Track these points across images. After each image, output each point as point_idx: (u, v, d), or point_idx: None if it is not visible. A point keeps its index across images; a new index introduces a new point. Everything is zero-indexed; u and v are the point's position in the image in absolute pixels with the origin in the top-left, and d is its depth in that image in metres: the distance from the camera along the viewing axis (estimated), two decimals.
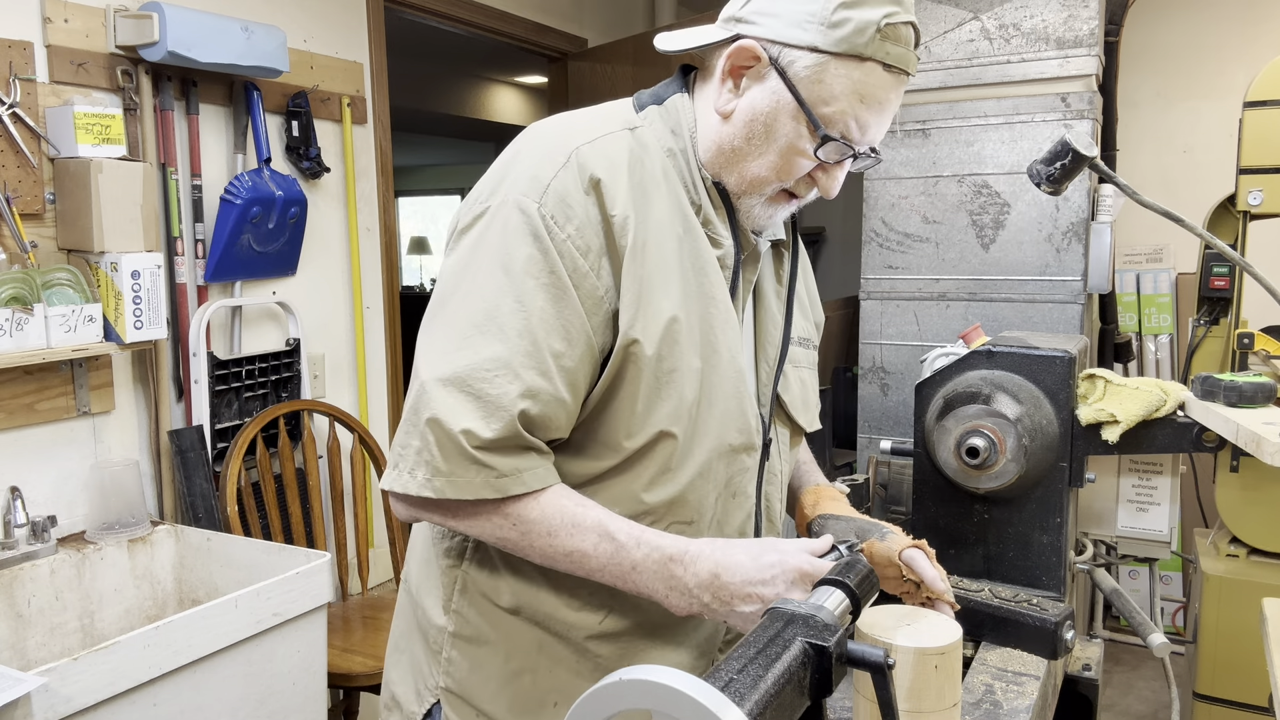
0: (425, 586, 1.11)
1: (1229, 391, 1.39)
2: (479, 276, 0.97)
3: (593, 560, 0.97)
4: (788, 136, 1.01)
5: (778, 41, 0.99)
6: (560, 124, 1.06)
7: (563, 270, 0.96)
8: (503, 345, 0.94)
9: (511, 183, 0.99)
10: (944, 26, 2.72)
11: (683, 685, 0.61)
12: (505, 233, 0.97)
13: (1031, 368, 1.41)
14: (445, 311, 0.99)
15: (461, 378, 0.94)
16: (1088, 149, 1.44)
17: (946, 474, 1.42)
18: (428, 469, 0.95)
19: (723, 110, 1.04)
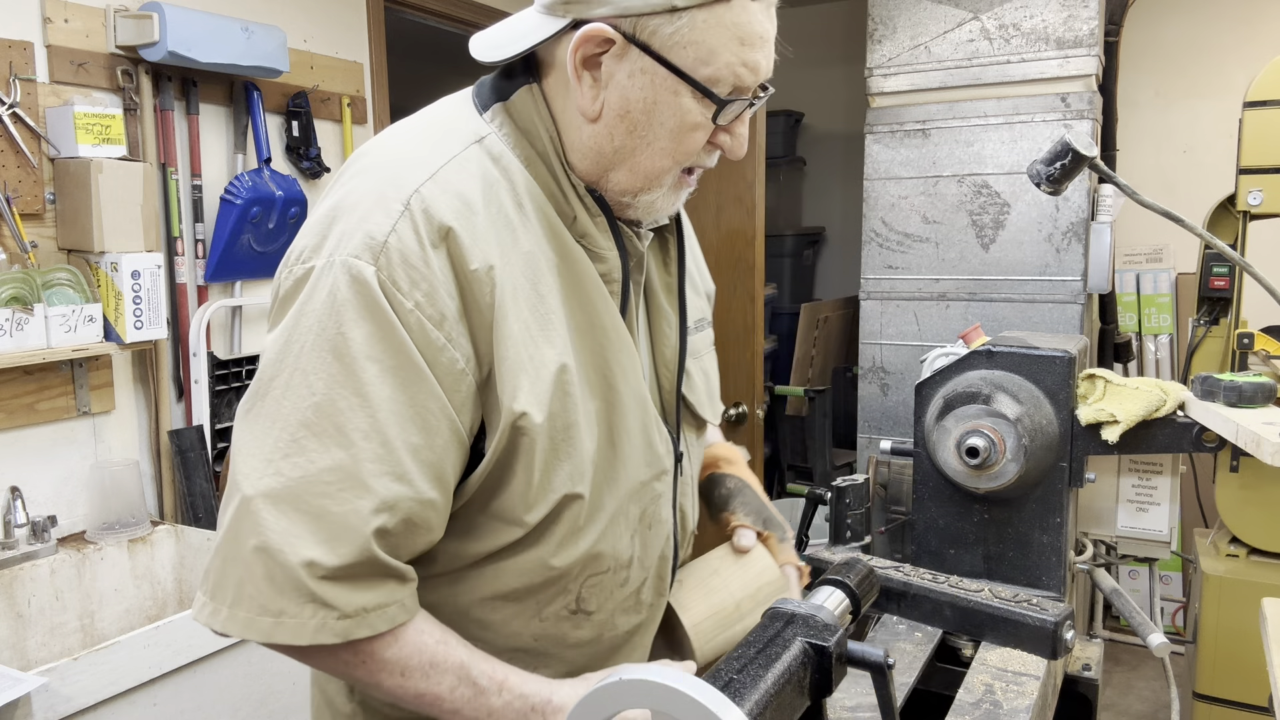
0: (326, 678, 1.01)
1: (1229, 391, 1.39)
2: (303, 361, 0.80)
3: (445, 704, 0.85)
4: (676, 113, 0.87)
5: (628, 14, 0.83)
6: (393, 150, 0.89)
7: (412, 347, 0.80)
8: (343, 451, 0.79)
9: (339, 238, 0.82)
10: (944, 26, 2.72)
11: (683, 685, 0.61)
12: (334, 306, 0.80)
13: (1031, 368, 1.41)
14: (264, 405, 0.82)
15: (295, 493, 0.78)
16: (1088, 149, 1.44)
17: (946, 474, 1.42)
18: (251, 605, 0.79)
19: (589, 112, 0.88)
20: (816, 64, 4.61)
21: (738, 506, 1.15)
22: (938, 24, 2.73)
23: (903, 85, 2.79)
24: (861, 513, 1.72)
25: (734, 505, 1.16)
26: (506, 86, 0.93)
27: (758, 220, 2.89)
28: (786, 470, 4.04)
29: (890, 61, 2.80)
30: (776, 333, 4.11)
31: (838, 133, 4.57)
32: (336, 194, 0.87)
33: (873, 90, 2.84)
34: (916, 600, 1.28)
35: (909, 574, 1.32)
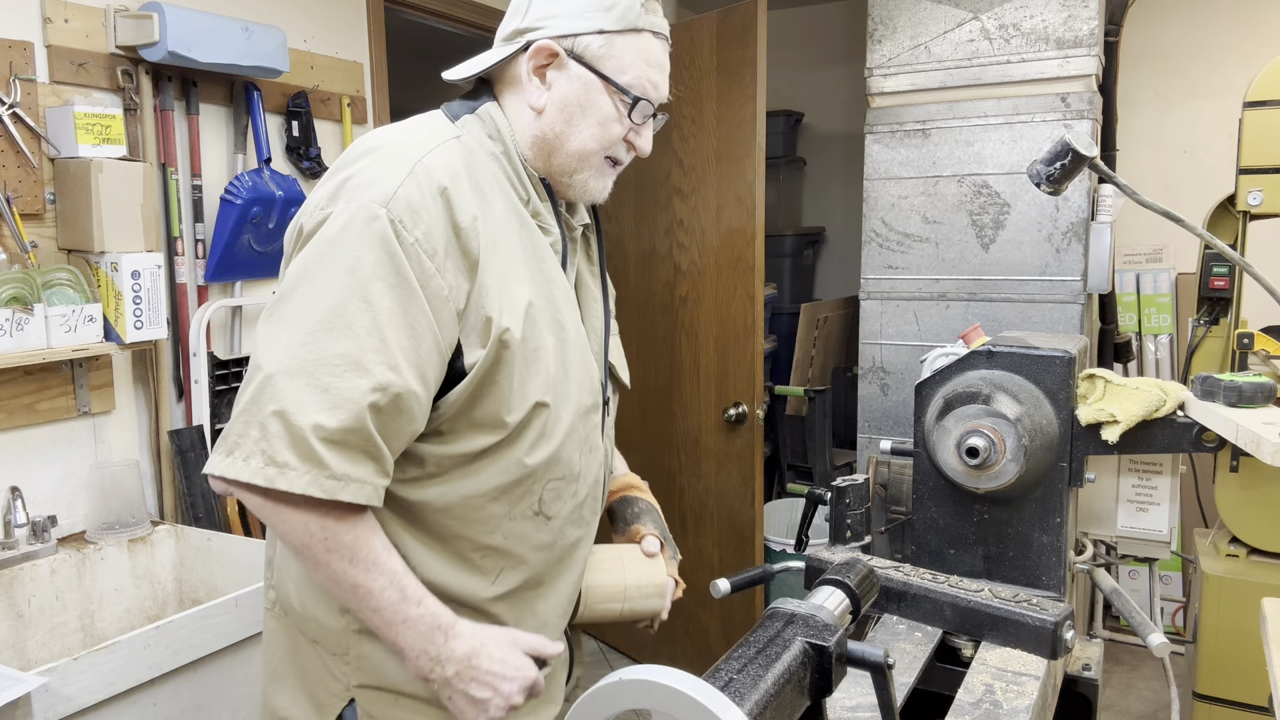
0: (312, 597, 1.14)
1: (1229, 391, 1.39)
2: (322, 276, 1.01)
3: (373, 600, 1.03)
4: (601, 109, 1.16)
5: (568, 35, 1.14)
6: (392, 138, 1.12)
7: (410, 271, 1.02)
8: (351, 342, 0.99)
9: (355, 190, 1.04)
10: (944, 26, 2.72)
11: (683, 685, 0.61)
12: (351, 236, 1.02)
13: (1031, 368, 1.41)
14: (286, 308, 1.02)
15: (309, 370, 0.98)
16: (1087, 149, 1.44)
17: (946, 474, 1.42)
18: (263, 458, 0.97)
19: (536, 106, 1.16)
20: (816, 64, 4.62)
21: (647, 522, 1.37)
22: (938, 24, 2.73)
23: (903, 85, 2.79)
24: (861, 513, 1.72)
25: (644, 521, 1.37)
26: (471, 104, 1.20)
27: (758, 220, 2.89)
28: (786, 470, 4.04)
29: (890, 61, 2.80)
30: (776, 333, 4.11)
31: (838, 133, 4.57)
32: (345, 170, 1.07)
33: (873, 90, 2.84)
34: (916, 600, 1.28)
35: (909, 574, 1.32)
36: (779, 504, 3.75)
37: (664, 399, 3.27)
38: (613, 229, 3.42)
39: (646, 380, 3.34)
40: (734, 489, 3.07)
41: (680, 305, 3.18)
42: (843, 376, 4.12)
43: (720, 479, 3.11)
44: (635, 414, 3.41)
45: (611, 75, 1.14)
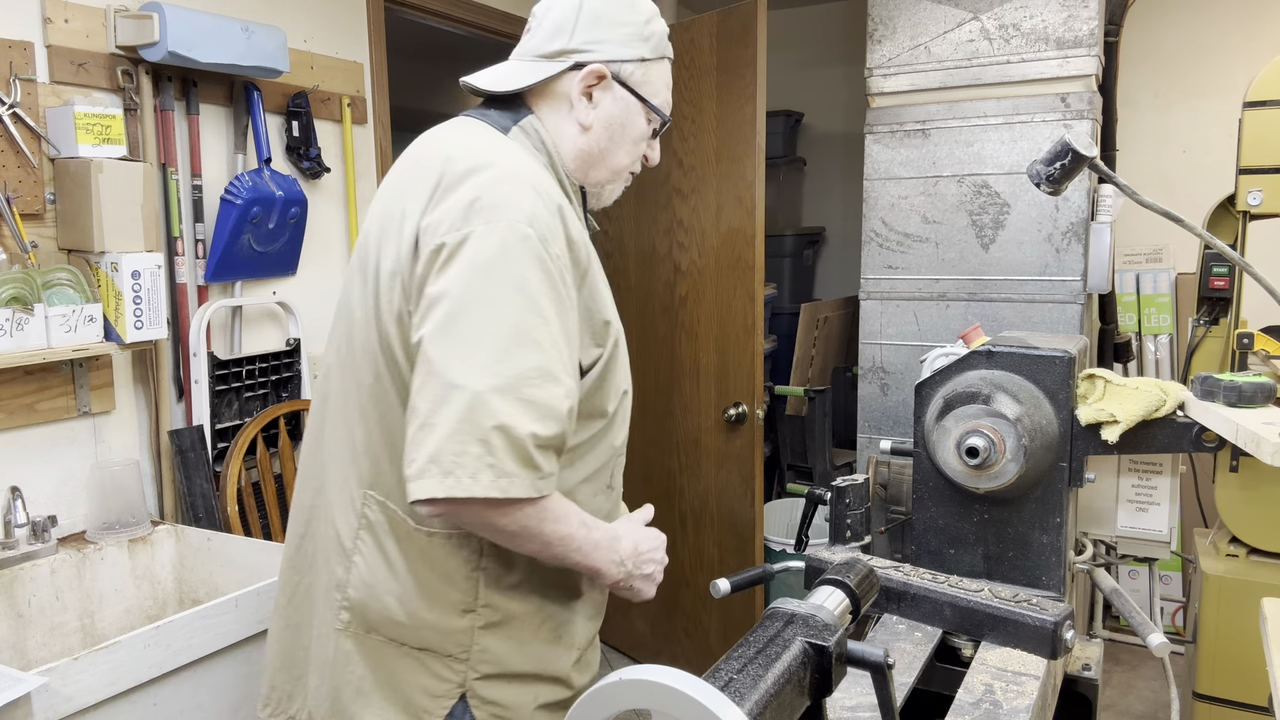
0: (426, 606, 1.19)
1: (1229, 391, 1.39)
2: (496, 295, 1.07)
3: (575, 542, 1.16)
4: (638, 127, 1.30)
5: (614, 60, 1.26)
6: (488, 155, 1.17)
7: (559, 285, 1.11)
8: (540, 355, 1.07)
9: (492, 210, 1.10)
10: (944, 26, 2.72)
11: (683, 685, 0.61)
12: (510, 256, 1.08)
13: (1031, 368, 1.41)
14: (465, 329, 1.07)
15: (513, 386, 1.04)
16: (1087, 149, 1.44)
17: (946, 474, 1.42)
18: (492, 472, 1.03)
19: (585, 123, 1.27)
20: (816, 64, 4.62)
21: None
22: (938, 24, 2.73)
23: (903, 85, 2.79)
24: (861, 513, 1.72)
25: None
26: (511, 115, 1.26)
27: (758, 220, 2.89)
28: (786, 470, 4.04)
29: (890, 61, 2.80)
30: (776, 333, 4.11)
31: (838, 133, 4.58)
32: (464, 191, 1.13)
33: (873, 90, 2.84)
34: (916, 600, 1.28)
35: (909, 574, 1.32)
36: (779, 504, 3.75)
37: (664, 399, 3.27)
38: (613, 229, 3.42)
39: (646, 380, 3.34)
40: (734, 489, 3.07)
41: (680, 305, 3.18)
42: (843, 376, 4.12)
43: (720, 479, 3.11)
44: (635, 414, 3.40)
45: (648, 98, 1.29)
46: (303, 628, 1.30)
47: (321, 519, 1.28)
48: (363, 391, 1.21)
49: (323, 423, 1.29)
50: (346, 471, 1.23)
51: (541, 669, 1.24)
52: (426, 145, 1.25)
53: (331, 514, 1.25)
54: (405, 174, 1.23)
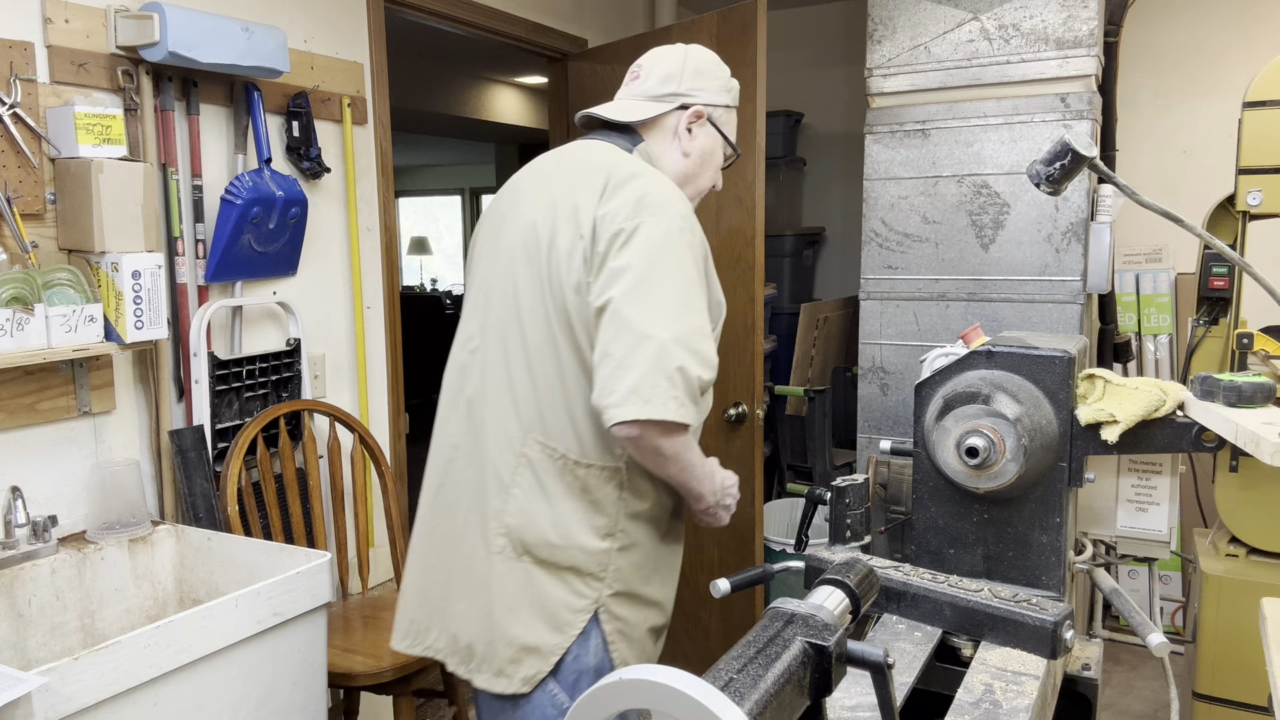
0: (578, 530, 1.45)
1: (1228, 391, 1.39)
2: (668, 270, 1.38)
3: (696, 469, 1.47)
4: (718, 158, 1.67)
5: (710, 104, 1.62)
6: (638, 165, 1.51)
7: (701, 267, 1.45)
8: (699, 317, 1.39)
9: (658, 206, 1.42)
10: (944, 27, 2.72)
11: (683, 685, 0.61)
12: (675, 241, 1.40)
13: (1031, 368, 1.41)
14: (650, 293, 1.37)
15: (685, 339, 1.34)
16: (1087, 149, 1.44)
17: (946, 474, 1.42)
18: (675, 402, 1.32)
19: (687, 151, 1.62)
20: (816, 64, 4.62)
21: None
22: (937, 24, 2.73)
23: (903, 85, 2.79)
24: (861, 513, 1.72)
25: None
26: (630, 140, 1.60)
27: (758, 220, 2.89)
28: (786, 470, 4.04)
29: (890, 62, 2.80)
30: (776, 333, 4.11)
31: (838, 133, 4.58)
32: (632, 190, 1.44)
33: (872, 90, 2.84)
34: (916, 600, 1.28)
35: (909, 574, 1.32)
36: (779, 504, 3.75)
37: None
38: None
39: None
40: None
41: None
42: (842, 376, 4.12)
43: None
44: None
45: (729, 135, 1.66)
46: (439, 567, 1.54)
47: (463, 465, 1.52)
48: (530, 351, 1.47)
49: (463, 385, 1.56)
50: (506, 419, 1.48)
51: (653, 595, 1.53)
52: (582, 154, 1.57)
53: (483, 457, 1.49)
54: (569, 176, 1.52)
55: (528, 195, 1.55)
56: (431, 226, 11.89)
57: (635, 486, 1.48)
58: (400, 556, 2.57)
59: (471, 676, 1.49)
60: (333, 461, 2.48)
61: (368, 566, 2.56)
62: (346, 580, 2.56)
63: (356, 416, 2.67)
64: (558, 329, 1.45)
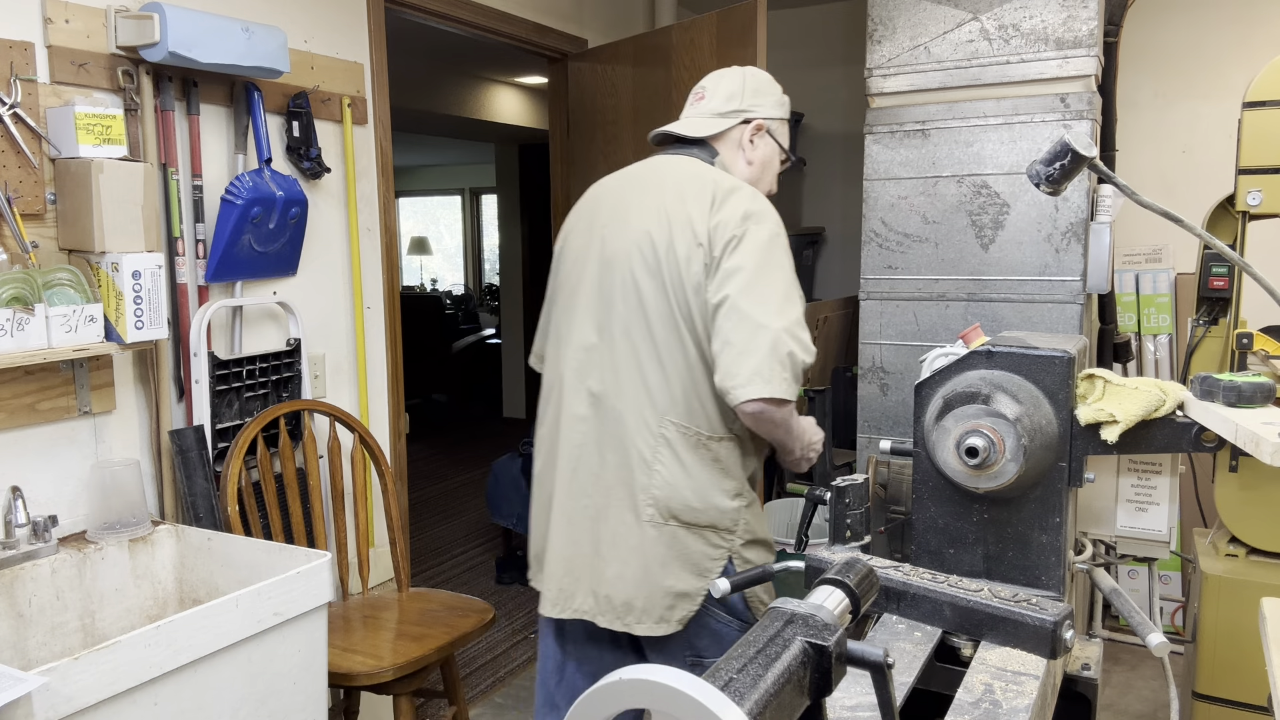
0: (714, 494, 1.72)
1: (1228, 391, 1.39)
2: (773, 268, 1.66)
3: (794, 428, 1.75)
4: (775, 165, 1.91)
5: (768, 117, 1.88)
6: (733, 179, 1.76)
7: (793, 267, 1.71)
8: (799, 309, 1.66)
9: (759, 215, 1.69)
10: (944, 27, 2.72)
11: (682, 685, 0.61)
12: (777, 245, 1.68)
13: (1031, 368, 1.41)
14: (760, 290, 1.64)
15: (791, 329, 1.62)
16: (1087, 149, 1.44)
17: (946, 474, 1.43)
18: (786, 382, 1.60)
19: (750, 159, 1.87)
20: (816, 64, 4.62)
21: None
22: (937, 24, 2.73)
23: (902, 86, 2.79)
24: (861, 513, 1.72)
25: None
26: (708, 154, 1.85)
27: None
28: (786, 470, 4.03)
29: (890, 62, 2.80)
30: None
31: (838, 133, 4.58)
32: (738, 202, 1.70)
33: (872, 90, 2.84)
34: (916, 600, 1.28)
35: (909, 574, 1.32)
36: (779, 504, 3.75)
37: None
38: None
39: None
40: None
41: None
42: (843, 376, 4.12)
43: None
44: None
45: (783, 144, 1.91)
46: (583, 540, 1.77)
47: (599, 452, 1.75)
48: (659, 346, 1.71)
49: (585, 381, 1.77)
50: (643, 408, 1.72)
51: (767, 536, 1.83)
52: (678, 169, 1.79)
53: (624, 442, 1.73)
54: (675, 190, 1.74)
55: (633, 208, 1.77)
56: (431, 226, 11.89)
57: (750, 452, 1.80)
58: (400, 556, 2.57)
59: (630, 627, 1.72)
60: (333, 461, 2.48)
61: (368, 566, 2.56)
62: (346, 580, 2.56)
63: (356, 416, 2.68)
64: (682, 325, 1.69)
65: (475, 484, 6.04)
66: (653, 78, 3.18)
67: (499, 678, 3.43)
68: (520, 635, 3.81)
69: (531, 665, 3.54)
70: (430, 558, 4.78)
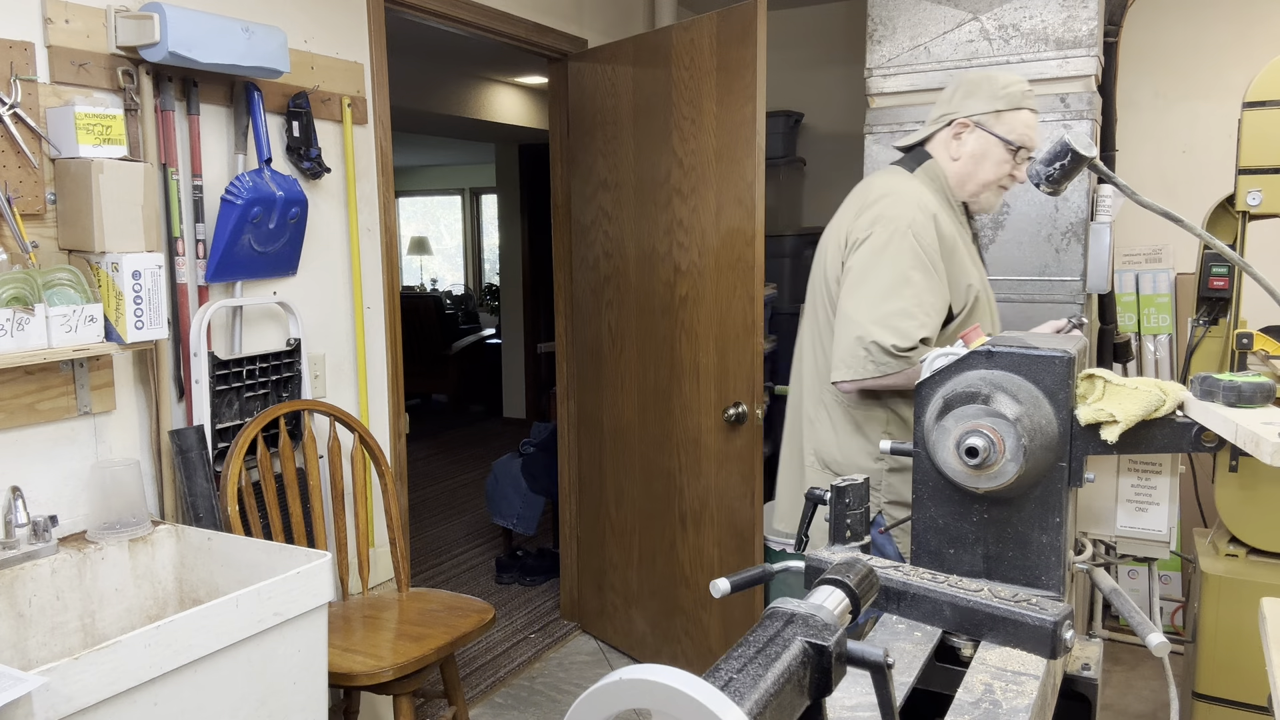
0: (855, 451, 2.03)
1: (1228, 391, 1.39)
2: (881, 267, 1.90)
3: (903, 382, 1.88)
4: (995, 155, 2.04)
5: (974, 114, 2.04)
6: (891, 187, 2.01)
7: (927, 263, 1.90)
8: (901, 301, 1.87)
9: (890, 219, 1.93)
10: (944, 27, 2.72)
11: (683, 685, 0.61)
12: (890, 246, 1.91)
13: (1031, 368, 1.41)
14: (860, 287, 1.92)
15: (883, 319, 1.87)
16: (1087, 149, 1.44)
17: (946, 474, 1.42)
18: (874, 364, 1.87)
19: (954, 156, 2.07)
20: (816, 64, 4.62)
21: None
22: (937, 24, 2.73)
23: (902, 86, 2.79)
24: (861, 513, 1.72)
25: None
26: (916, 159, 2.10)
27: (758, 220, 2.89)
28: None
29: (890, 62, 2.80)
30: (776, 333, 4.11)
31: (838, 133, 4.58)
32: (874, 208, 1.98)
33: (872, 90, 2.84)
34: (916, 600, 1.28)
35: (909, 574, 1.32)
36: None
37: (664, 399, 3.28)
38: (613, 229, 3.42)
39: (646, 380, 3.34)
40: (734, 489, 3.07)
41: (680, 305, 3.18)
42: None
43: (720, 479, 3.11)
44: (635, 413, 3.41)
45: (1003, 135, 2.02)
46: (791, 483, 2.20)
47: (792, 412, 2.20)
48: (820, 328, 2.09)
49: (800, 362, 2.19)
50: (810, 376, 2.12)
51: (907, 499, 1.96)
52: (868, 183, 2.10)
53: (800, 404, 2.15)
54: (850, 201, 2.09)
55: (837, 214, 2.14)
56: (431, 226, 11.89)
57: (898, 425, 2.00)
58: (400, 556, 2.57)
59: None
60: (333, 461, 2.48)
61: (368, 566, 2.56)
62: (346, 580, 2.56)
63: (356, 416, 2.68)
64: (826, 316, 2.07)
65: (475, 484, 6.04)
66: (653, 78, 3.18)
67: (499, 678, 3.43)
68: (520, 635, 3.81)
69: (531, 665, 3.54)
70: (430, 558, 4.78)
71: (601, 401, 3.56)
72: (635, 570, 3.48)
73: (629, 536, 3.50)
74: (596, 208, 3.49)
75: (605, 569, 3.63)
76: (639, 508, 3.44)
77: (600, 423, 3.58)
